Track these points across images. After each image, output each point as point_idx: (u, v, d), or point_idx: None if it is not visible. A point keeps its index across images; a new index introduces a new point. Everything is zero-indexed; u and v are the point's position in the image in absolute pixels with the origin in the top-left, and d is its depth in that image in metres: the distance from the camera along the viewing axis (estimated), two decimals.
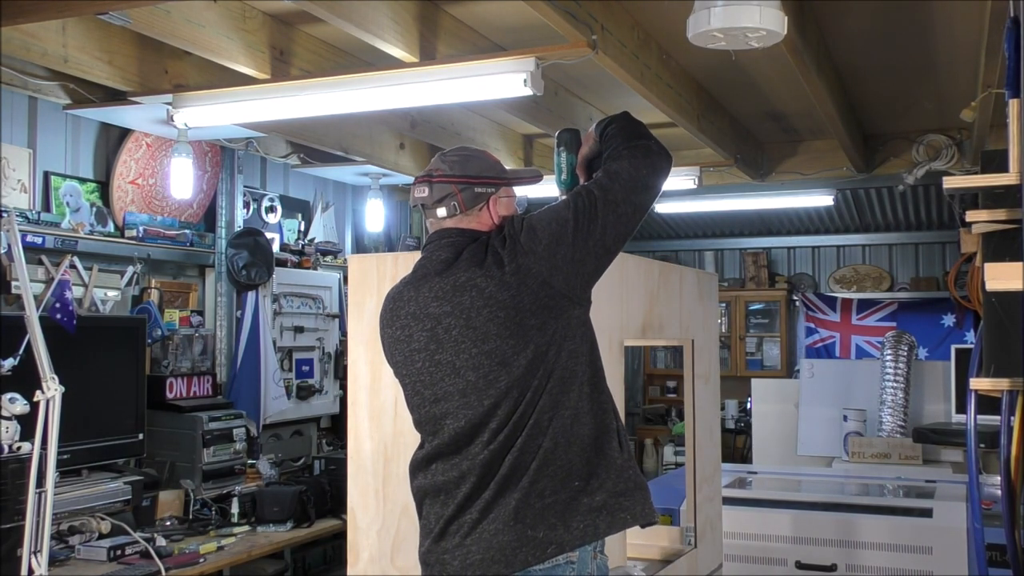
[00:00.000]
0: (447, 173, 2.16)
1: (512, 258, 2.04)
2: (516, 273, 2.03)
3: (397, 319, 2.17)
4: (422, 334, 2.11)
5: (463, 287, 2.06)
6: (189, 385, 4.84)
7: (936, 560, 3.75)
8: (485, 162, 2.21)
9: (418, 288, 2.14)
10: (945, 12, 3.97)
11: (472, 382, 2.04)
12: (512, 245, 2.06)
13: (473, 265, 2.06)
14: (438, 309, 2.08)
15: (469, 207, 2.15)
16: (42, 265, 4.21)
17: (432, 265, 2.14)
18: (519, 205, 2.38)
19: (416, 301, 2.14)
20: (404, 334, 2.15)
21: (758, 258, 9.33)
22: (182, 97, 4.16)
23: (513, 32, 4.02)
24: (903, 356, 5.81)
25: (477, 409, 2.03)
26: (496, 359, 2.02)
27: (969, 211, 2.38)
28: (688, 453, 3.25)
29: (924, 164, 5.92)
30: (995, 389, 2.37)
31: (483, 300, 2.03)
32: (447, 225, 2.17)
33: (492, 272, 2.04)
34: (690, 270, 3.31)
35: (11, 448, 3.27)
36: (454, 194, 2.14)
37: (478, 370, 2.03)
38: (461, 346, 2.05)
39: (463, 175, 2.16)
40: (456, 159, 2.19)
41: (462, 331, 2.05)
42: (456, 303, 2.06)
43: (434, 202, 2.16)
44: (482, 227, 2.17)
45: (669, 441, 8.47)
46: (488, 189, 2.17)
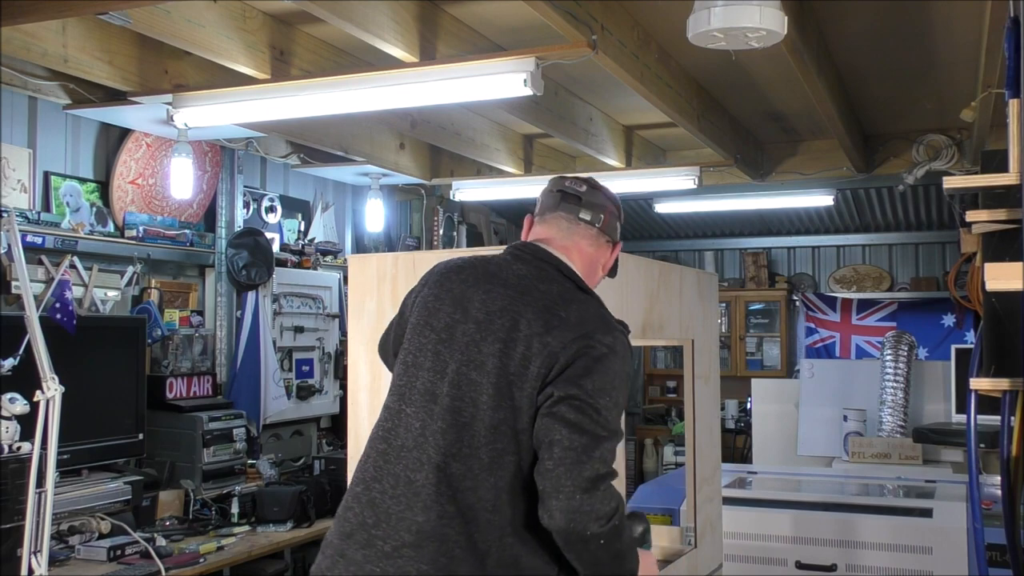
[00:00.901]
0: (608, 193, 2.15)
1: (551, 366, 1.87)
2: (539, 379, 1.87)
3: (439, 287, 2.05)
4: (446, 319, 1.99)
5: (514, 321, 1.92)
6: (189, 385, 4.84)
7: (936, 560, 3.74)
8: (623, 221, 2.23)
9: (478, 280, 2.01)
10: (945, 12, 3.98)
11: (441, 395, 1.93)
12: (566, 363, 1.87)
13: (538, 320, 1.91)
14: (478, 312, 1.97)
15: (606, 232, 2.11)
16: (42, 265, 4.21)
17: (506, 273, 2.02)
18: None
19: (467, 287, 2.01)
20: (435, 304, 2.03)
21: (758, 258, 9.33)
22: (182, 97, 4.16)
23: (513, 32, 4.02)
24: (903, 356, 5.81)
25: (433, 423, 1.92)
26: (471, 400, 1.90)
27: (969, 211, 2.39)
28: (688, 453, 3.25)
29: (924, 164, 5.92)
30: (995, 389, 2.37)
31: (511, 357, 1.89)
32: (576, 239, 2.08)
33: (536, 348, 1.88)
34: (690, 270, 3.30)
35: (11, 448, 3.27)
36: (606, 211, 2.10)
37: (455, 389, 1.92)
38: (461, 357, 1.94)
39: (619, 209, 2.16)
40: (617, 197, 2.18)
41: (475, 346, 1.94)
42: (491, 324, 1.94)
43: (587, 202, 2.09)
44: (588, 263, 2.09)
45: (669, 441, 8.48)
46: (619, 238, 2.17)
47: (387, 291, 2.68)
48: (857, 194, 7.98)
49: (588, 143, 5.48)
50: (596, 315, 1.98)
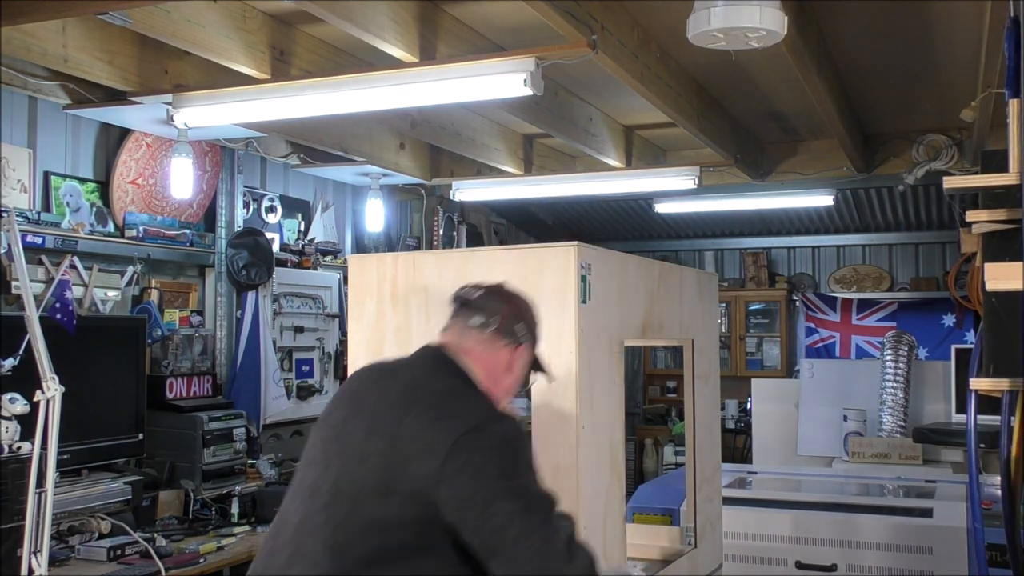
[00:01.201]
0: (507, 294, 2.11)
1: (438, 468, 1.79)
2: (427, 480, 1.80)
3: (345, 386, 2.11)
4: (340, 414, 2.01)
5: (400, 419, 1.87)
6: (189, 385, 4.83)
7: (936, 560, 3.74)
8: (536, 320, 2.15)
9: (377, 379, 2.03)
10: (945, 12, 3.98)
11: (322, 491, 1.89)
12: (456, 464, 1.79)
13: (425, 417, 1.86)
14: (367, 409, 1.94)
15: (500, 336, 2.05)
16: (42, 265, 4.21)
17: (405, 371, 2.03)
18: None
19: (365, 385, 2.04)
20: (335, 404, 2.07)
21: (758, 258, 9.33)
22: (182, 97, 4.16)
23: (513, 32, 4.02)
24: (903, 356, 5.81)
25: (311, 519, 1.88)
26: (351, 497, 1.85)
27: (969, 211, 2.38)
28: (688, 453, 3.25)
29: (924, 164, 5.92)
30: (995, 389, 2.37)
31: (395, 454, 1.83)
32: (467, 344, 2.04)
33: (421, 447, 1.82)
34: (690, 270, 3.31)
35: (11, 448, 3.27)
36: (499, 313, 2.06)
37: (335, 484, 1.88)
38: (346, 454, 1.90)
39: (518, 307, 2.10)
40: (521, 297, 2.14)
41: (360, 442, 1.89)
42: (379, 421, 1.90)
43: (478, 306, 2.07)
44: (491, 365, 2.05)
45: (669, 441, 8.48)
46: (524, 337, 2.09)
47: (387, 291, 2.68)
48: (857, 194, 7.98)
49: (588, 143, 5.48)
50: (483, 408, 1.93)
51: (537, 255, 2.45)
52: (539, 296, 2.40)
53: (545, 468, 2.37)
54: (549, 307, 2.39)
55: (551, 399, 2.39)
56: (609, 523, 2.51)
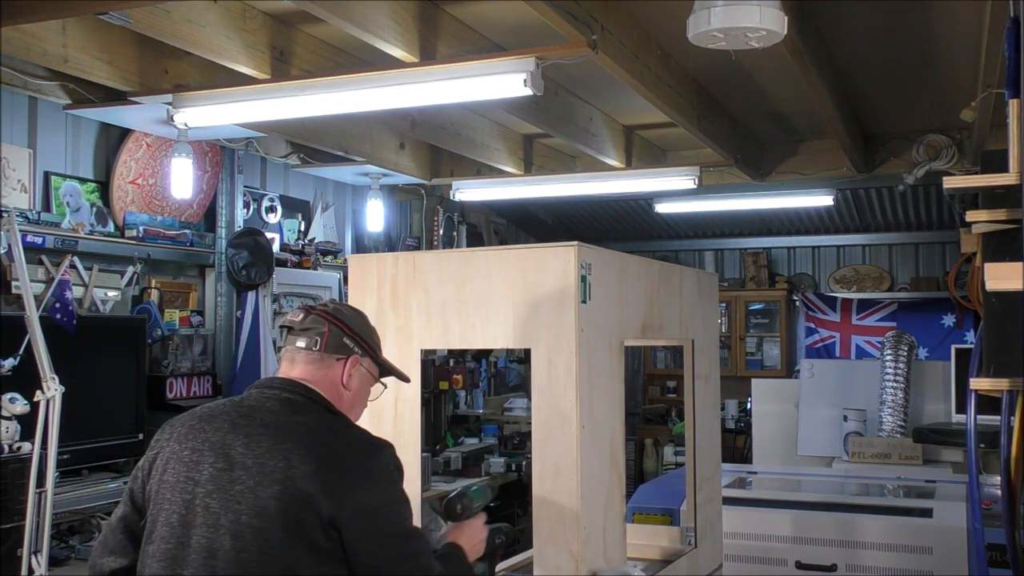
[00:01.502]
0: (329, 311, 2.09)
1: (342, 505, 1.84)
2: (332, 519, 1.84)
3: (193, 438, 1.97)
4: (209, 469, 1.91)
5: (287, 460, 1.87)
6: (189, 385, 4.84)
7: (936, 560, 3.74)
8: (368, 329, 2.16)
9: (234, 425, 1.95)
10: (945, 12, 3.98)
11: (226, 550, 1.84)
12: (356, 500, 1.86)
13: (311, 456, 1.87)
14: (244, 457, 1.89)
15: (329, 351, 2.05)
16: (42, 265, 4.21)
17: (260, 412, 1.98)
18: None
19: (223, 433, 1.95)
20: (191, 458, 1.94)
21: (758, 258, 9.33)
22: (182, 97, 4.16)
23: (513, 32, 4.02)
24: (903, 356, 5.80)
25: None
26: (259, 548, 1.83)
27: (969, 211, 2.38)
28: (688, 453, 3.25)
29: (924, 164, 5.91)
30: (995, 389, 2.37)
31: (294, 497, 1.83)
32: (297, 370, 2.05)
33: (319, 488, 1.84)
34: (690, 270, 3.30)
35: (11, 448, 3.27)
36: (323, 332, 2.05)
37: (237, 540, 1.84)
38: (238, 507, 1.86)
39: (341, 321, 2.09)
40: (346, 310, 2.15)
41: (251, 492, 1.86)
42: (262, 468, 1.87)
43: (301, 328, 2.06)
44: (331, 383, 2.06)
45: (669, 441, 8.47)
46: (354, 347, 2.09)
47: (387, 291, 2.68)
48: (857, 194, 7.98)
49: (588, 143, 5.48)
50: (358, 440, 1.97)
51: (537, 255, 2.45)
52: (539, 296, 2.40)
53: (545, 468, 2.38)
54: (549, 307, 2.39)
55: (551, 399, 2.39)
56: (609, 523, 2.51)
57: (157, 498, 1.95)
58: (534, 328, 2.41)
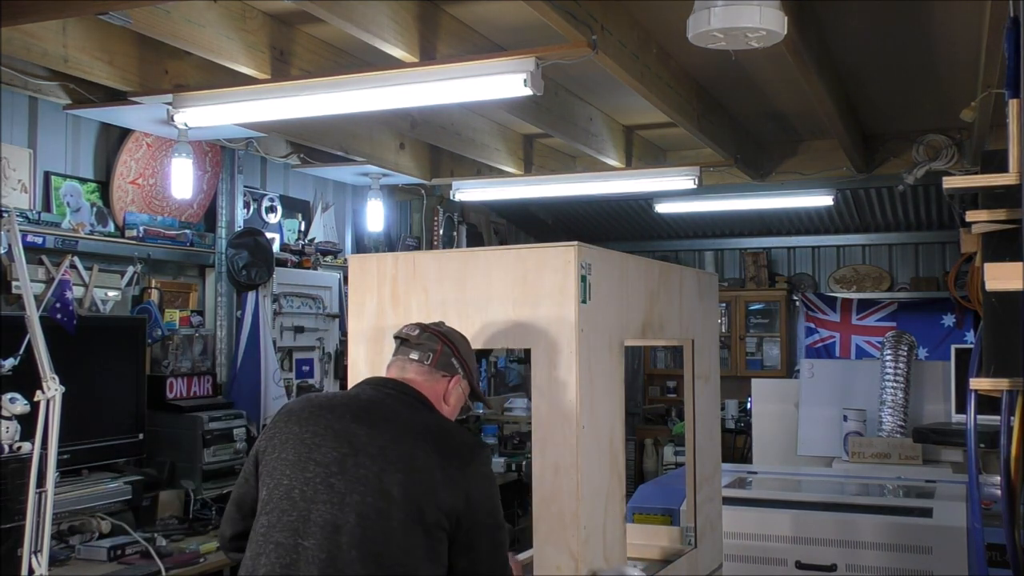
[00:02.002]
0: (442, 331, 2.32)
1: (460, 498, 2.06)
2: (452, 509, 2.05)
3: (314, 423, 2.14)
4: (334, 452, 2.08)
5: (409, 452, 2.07)
6: (189, 385, 4.84)
7: (936, 560, 3.74)
8: (471, 354, 2.37)
9: (357, 416, 2.13)
10: (945, 12, 3.98)
11: (350, 526, 2.00)
12: (472, 494, 2.08)
13: (432, 450, 2.08)
14: (368, 445, 2.07)
15: (438, 367, 2.27)
16: (42, 265, 4.21)
17: (380, 407, 2.17)
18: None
19: (347, 422, 2.12)
20: (313, 440, 2.10)
21: (758, 258, 9.33)
22: (182, 97, 4.16)
23: (513, 32, 4.02)
24: (903, 356, 5.80)
25: (344, 554, 1.99)
26: (382, 527, 2.00)
27: (969, 211, 2.38)
28: (688, 453, 3.25)
29: (924, 164, 5.91)
30: (995, 389, 2.37)
31: (416, 484, 2.03)
32: (408, 376, 2.26)
33: (440, 478, 2.04)
34: (690, 270, 3.30)
35: (11, 448, 3.27)
36: (436, 350, 2.28)
37: (363, 519, 2.00)
38: (363, 489, 2.02)
39: (452, 343, 2.31)
40: (455, 334, 2.35)
41: (375, 477, 2.03)
42: (386, 456, 2.05)
43: (416, 343, 2.28)
44: (435, 395, 2.27)
45: (669, 441, 8.47)
46: (460, 369, 2.31)
47: (387, 291, 2.68)
48: (857, 194, 7.98)
49: (588, 143, 5.48)
50: (469, 439, 2.21)
51: (537, 255, 2.45)
52: (539, 296, 2.40)
53: (545, 468, 2.38)
54: (549, 307, 2.39)
55: (551, 399, 2.39)
56: (609, 523, 2.51)
57: (275, 473, 2.11)
58: (534, 328, 2.41)
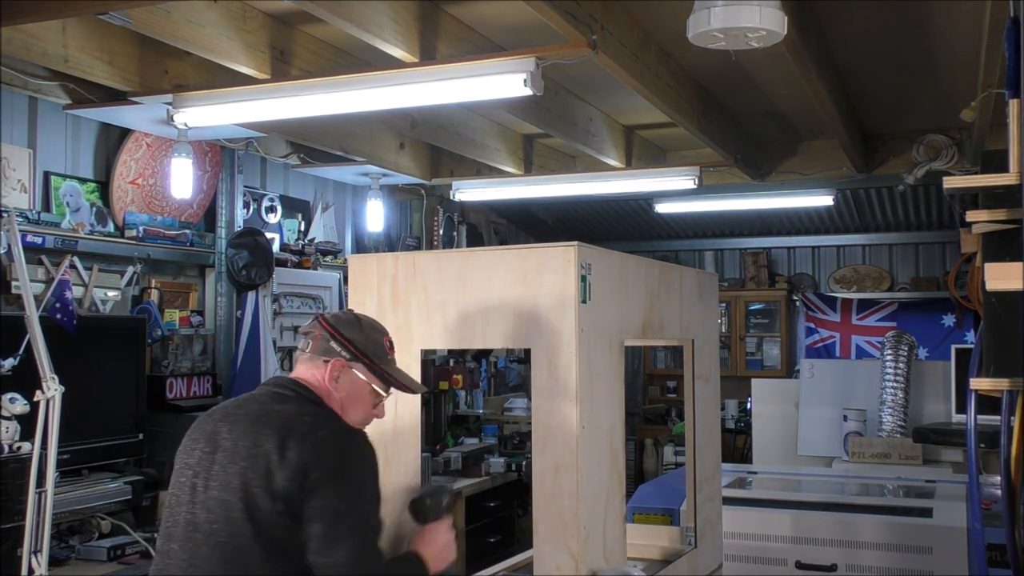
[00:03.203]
0: (327, 318, 2.27)
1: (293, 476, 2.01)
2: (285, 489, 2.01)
3: (194, 430, 2.23)
4: (199, 454, 2.15)
5: (254, 440, 2.06)
6: (189, 385, 4.83)
7: (936, 560, 3.74)
8: (367, 337, 2.25)
9: (225, 416, 2.18)
10: (945, 12, 3.98)
11: (200, 522, 2.06)
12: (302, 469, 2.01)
13: (275, 434, 2.05)
14: (224, 440, 2.11)
15: (316, 353, 2.22)
16: (42, 265, 4.21)
17: (250, 404, 2.19)
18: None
19: (215, 422, 2.18)
20: (191, 446, 2.19)
21: (758, 258, 9.33)
22: (182, 97, 4.16)
23: (513, 32, 4.02)
24: (903, 356, 5.81)
25: (199, 549, 2.04)
26: (225, 519, 2.03)
27: (969, 211, 2.39)
28: (688, 453, 3.25)
29: (924, 164, 5.91)
30: (995, 389, 2.37)
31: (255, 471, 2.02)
32: (294, 373, 2.26)
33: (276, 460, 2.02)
34: (690, 270, 3.30)
35: (11, 448, 3.27)
36: (315, 335, 2.24)
37: (210, 513, 2.05)
38: (212, 483, 2.07)
39: (332, 326, 2.24)
40: (348, 318, 2.28)
41: (222, 471, 2.07)
42: (235, 447, 2.08)
43: (304, 331, 2.28)
44: (318, 383, 2.21)
45: (669, 441, 8.47)
46: (343, 352, 2.22)
47: (387, 291, 2.68)
48: (857, 194, 7.98)
49: (588, 143, 5.48)
50: (326, 423, 2.12)
51: (537, 255, 2.45)
52: (539, 296, 2.40)
53: (545, 468, 2.38)
54: (549, 307, 2.39)
55: (551, 399, 2.39)
56: (609, 523, 2.51)
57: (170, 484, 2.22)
58: (534, 328, 2.41)
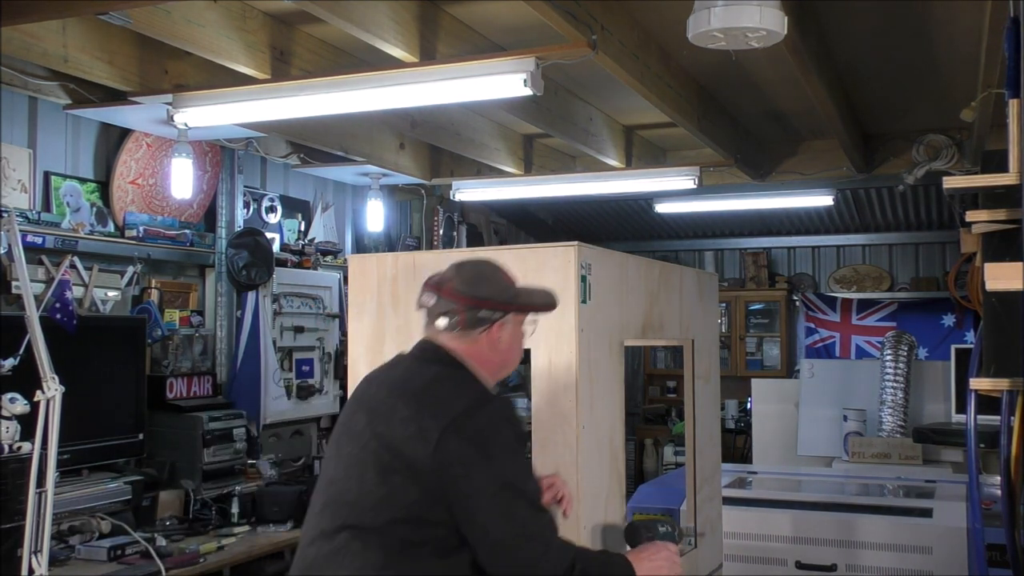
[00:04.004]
0: (456, 288, 2.12)
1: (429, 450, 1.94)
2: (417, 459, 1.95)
3: (353, 397, 2.23)
4: (349, 418, 2.16)
5: (393, 406, 2.03)
6: (189, 385, 4.83)
7: (936, 560, 3.74)
8: (499, 284, 2.16)
9: (378, 380, 2.18)
10: (945, 12, 3.98)
11: (338, 479, 2.07)
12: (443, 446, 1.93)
13: (412, 400, 2.01)
14: (368, 404, 2.11)
15: (468, 327, 2.11)
16: (42, 265, 4.21)
17: (398, 369, 2.16)
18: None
19: (367, 386, 2.19)
20: (347, 411, 2.19)
21: (758, 258, 9.33)
22: (182, 97, 4.16)
23: (513, 32, 4.02)
24: (903, 356, 5.81)
25: (329, 507, 2.06)
26: (357, 478, 2.02)
27: (969, 211, 2.39)
28: (688, 453, 3.25)
29: (924, 164, 5.91)
30: (995, 389, 2.37)
31: (393, 436, 1.99)
32: (441, 340, 2.14)
33: (414, 430, 1.97)
34: (690, 270, 3.31)
35: (11, 448, 3.27)
36: (457, 312, 2.10)
37: (348, 470, 2.05)
38: (353, 443, 2.07)
39: (472, 295, 2.11)
40: (471, 276, 2.15)
41: (361, 432, 2.07)
42: (376, 411, 2.07)
43: (438, 313, 2.13)
44: (476, 351, 2.13)
45: (669, 441, 8.47)
46: (494, 314, 2.12)
47: (387, 291, 2.68)
48: (857, 194, 7.98)
49: (588, 143, 5.48)
50: (467, 395, 2.03)
51: (537, 255, 2.45)
52: None
53: (545, 468, 2.37)
54: None
55: (551, 399, 2.39)
56: (609, 523, 2.51)
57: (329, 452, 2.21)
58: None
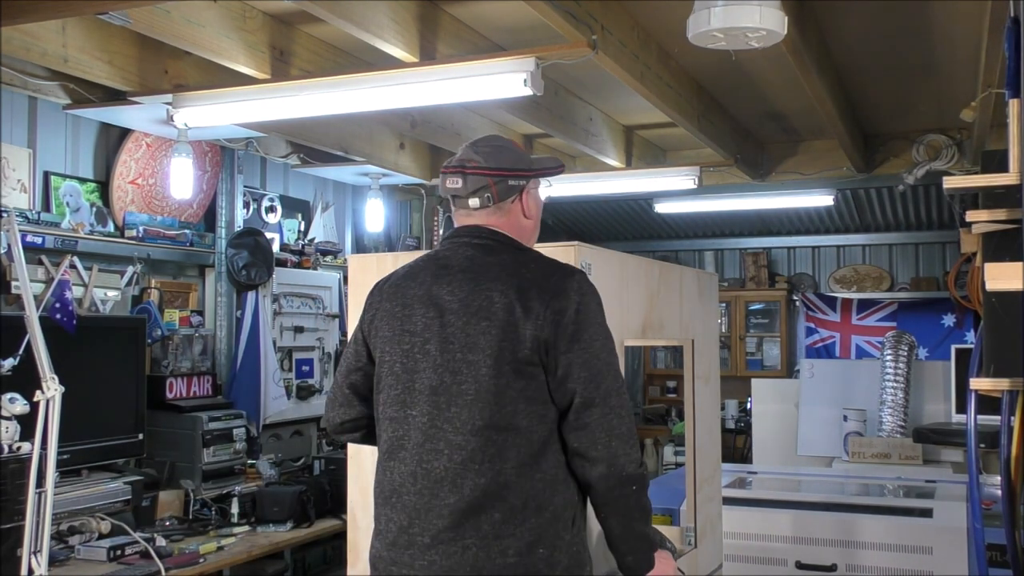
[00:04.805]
0: (481, 165, 2.15)
1: (544, 326, 2.02)
2: (535, 340, 2.01)
3: (400, 295, 2.17)
4: (422, 319, 2.10)
5: (488, 297, 2.04)
6: (189, 385, 4.83)
7: (936, 560, 3.74)
8: (516, 153, 2.21)
9: (436, 276, 2.13)
10: (945, 12, 3.98)
11: (447, 385, 2.04)
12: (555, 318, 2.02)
13: (509, 288, 2.04)
14: (451, 302, 2.08)
15: (502, 199, 2.16)
16: (42, 265, 4.21)
17: (457, 260, 2.14)
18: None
19: (428, 286, 2.13)
20: (403, 312, 2.14)
21: (758, 258, 9.33)
22: (182, 97, 4.16)
23: (513, 32, 4.02)
24: (903, 356, 5.81)
25: (443, 412, 2.04)
26: (473, 378, 2.02)
27: (969, 211, 2.39)
28: (688, 453, 3.25)
29: (924, 164, 5.92)
30: (995, 389, 2.37)
31: (498, 327, 2.02)
32: (478, 220, 2.18)
33: (520, 314, 2.02)
34: (690, 270, 3.31)
35: (11, 448, 3.27)
36: (488, 186, 2.15)
37: (456, 375, 2.04)
38: (452, 347, 2.05)
39: (498, 167, 2.16)
40: (489, 150, 2.18)
41: (461, 331, 2.05)
42: (467, 308, 2.05)
43: (468, 193, 2.16)
44: (511, 224, 2.19)
45: (669, 441, 8.46)
46: (520, 182, 2.18)
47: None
48: (857, 194, 7.98)
49: (588, 143, 5.48)
50: (550, 266, 2.11)
51: None
52: None
53: None
54: None
55: None
56: None
57: (380, 353, 2.17)
58: None
